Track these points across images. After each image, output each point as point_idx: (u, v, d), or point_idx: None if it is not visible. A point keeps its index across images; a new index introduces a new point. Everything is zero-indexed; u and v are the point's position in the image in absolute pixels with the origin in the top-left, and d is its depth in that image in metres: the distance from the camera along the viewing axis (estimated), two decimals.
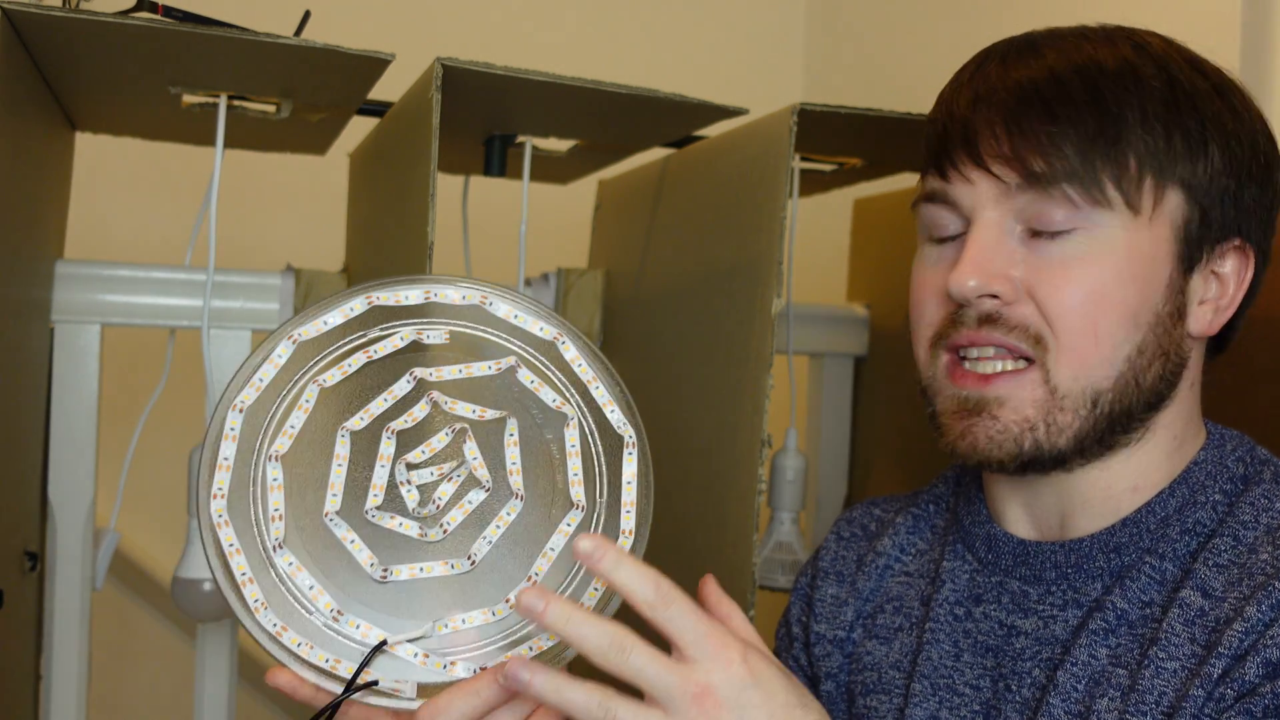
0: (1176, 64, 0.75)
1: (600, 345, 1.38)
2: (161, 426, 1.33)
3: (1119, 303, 0.73)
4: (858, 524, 0.95)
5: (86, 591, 1.20)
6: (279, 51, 0.92)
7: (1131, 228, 0.73)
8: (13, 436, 1.04)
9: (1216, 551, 0.74)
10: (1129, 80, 0.73)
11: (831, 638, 0.91)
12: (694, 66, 2.14)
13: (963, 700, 0.80)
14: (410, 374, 0.73)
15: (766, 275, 0.99)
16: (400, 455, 0.72)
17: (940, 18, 1.80)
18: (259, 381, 0.72)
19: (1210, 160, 0.74)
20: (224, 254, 1.14)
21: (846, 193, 1.44)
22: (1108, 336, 0.73)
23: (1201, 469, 0.78)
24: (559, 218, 1.61)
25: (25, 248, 1.06)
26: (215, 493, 0.70)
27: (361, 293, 0.75)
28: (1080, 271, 0.73)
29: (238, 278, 1.24)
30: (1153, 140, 0.73)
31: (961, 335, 0.76)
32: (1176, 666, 0.71)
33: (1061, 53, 0.75)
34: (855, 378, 1.48)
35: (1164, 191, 0.74)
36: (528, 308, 0.76)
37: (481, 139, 1.21)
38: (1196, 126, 0.74)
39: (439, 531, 0.71)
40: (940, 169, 0.77)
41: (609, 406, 0.76)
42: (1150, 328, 0.74)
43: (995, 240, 0.74)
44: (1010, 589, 0.80)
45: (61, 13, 0.88)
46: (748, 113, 1.05)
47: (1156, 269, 0.74)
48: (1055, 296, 0.73)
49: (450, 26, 2.02)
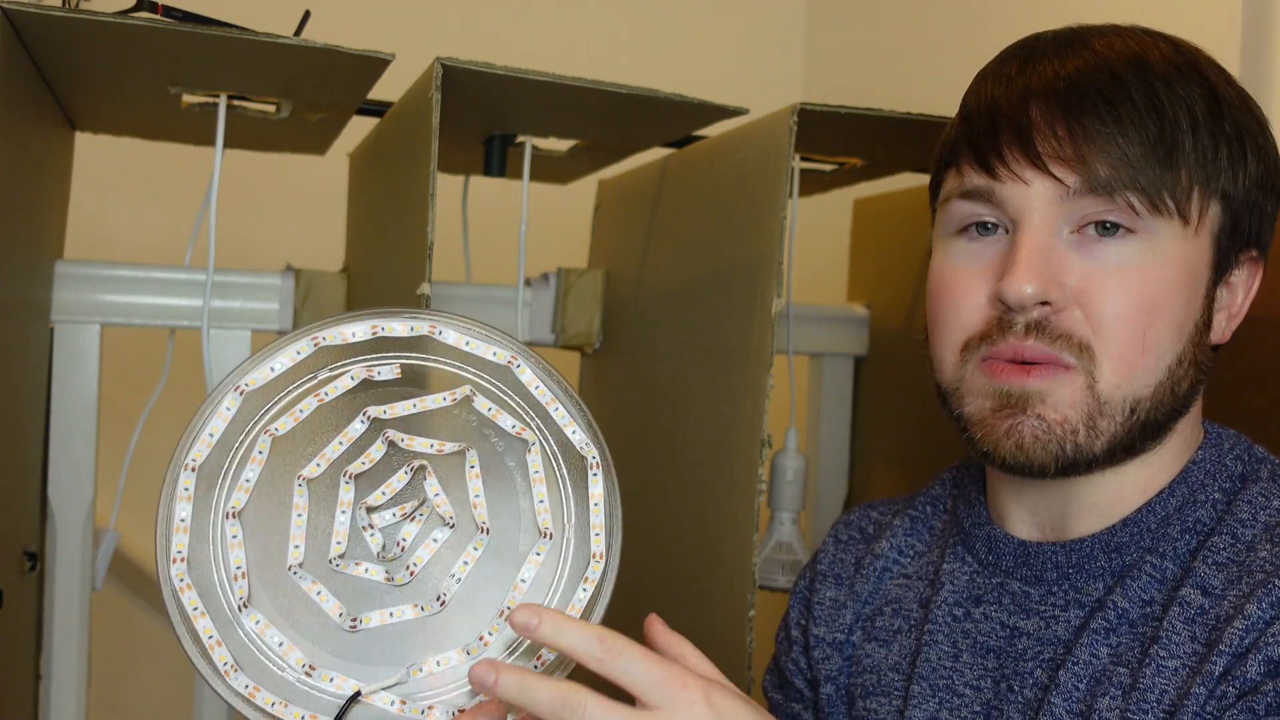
0: (1213, 68, 0.75)
1: (600, 345, 1.38)
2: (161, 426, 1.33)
3: (1168, 312, 0.72)
4: (855, 527, 0.94)
5: (86, 591, 1.20)
6: (279, 51, 0.92)
7: (1182, 238, 0.72)
8: (13, 436, 1.04)
9: (1215, 550, 0.74)
10: (1179, 82, 0.72)
11: (830, 641, 0.90)
12: (694, 66, 2.13)
13: (963, 701, 0.80)
14: (364, 414, 0.72)
15: (766, 275, 0.99)
16: (360, 499, 0.71)
17: (940, 18, 1.80)
18: (209, 437, 0.70)
19: (1248, 172, 0.74)
20: (224, 254, 1.14)
21: (846, 193, 1.44)
22: (1154, 346, 0.72)
23: (1200, 468, 0.78)
24: (559, 218, 1.61)
25: (25, 248, 1.06)
26: (175, 556, 0.69)
27: (306, 334, 0.73)
28: (1134, 279, 0.71)
29: (238, 278, 1.24)
30: (1202, 151, 0.72)
31: (1006, 345, 0.73)
32: (1178, 665, 0.71)
33: (1111, 48, 0.73)
34: (855, 378, 1.48)
35: (1209, 202, 0.73)
36: (479, 333, 0.74)
37: (481, 139, 1.21)
38: (1235, 136, 0.73)
39: (406, 574, 0.70)
40: (987, 166, 0.74)
41: (570, 427, 0.73)
42: (1190, 338, 0.74)
43: (1048, 244, 0.72)
44: (1011, 590, 0.80)
45: (61, 13, 0.88)
46: (748, 113, 1.05)
47: (1199, 280, 0.74)
48: (1107, 304, 0.71)
49: (450, 26, 2.02)
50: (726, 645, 1.02)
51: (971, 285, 0.75)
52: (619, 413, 1.33)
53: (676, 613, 1.13)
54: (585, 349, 1.39)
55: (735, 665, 1.00)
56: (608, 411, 1.37)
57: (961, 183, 0.76)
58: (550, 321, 1.35)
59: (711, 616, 1.06)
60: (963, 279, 0.76)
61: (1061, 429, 0.72)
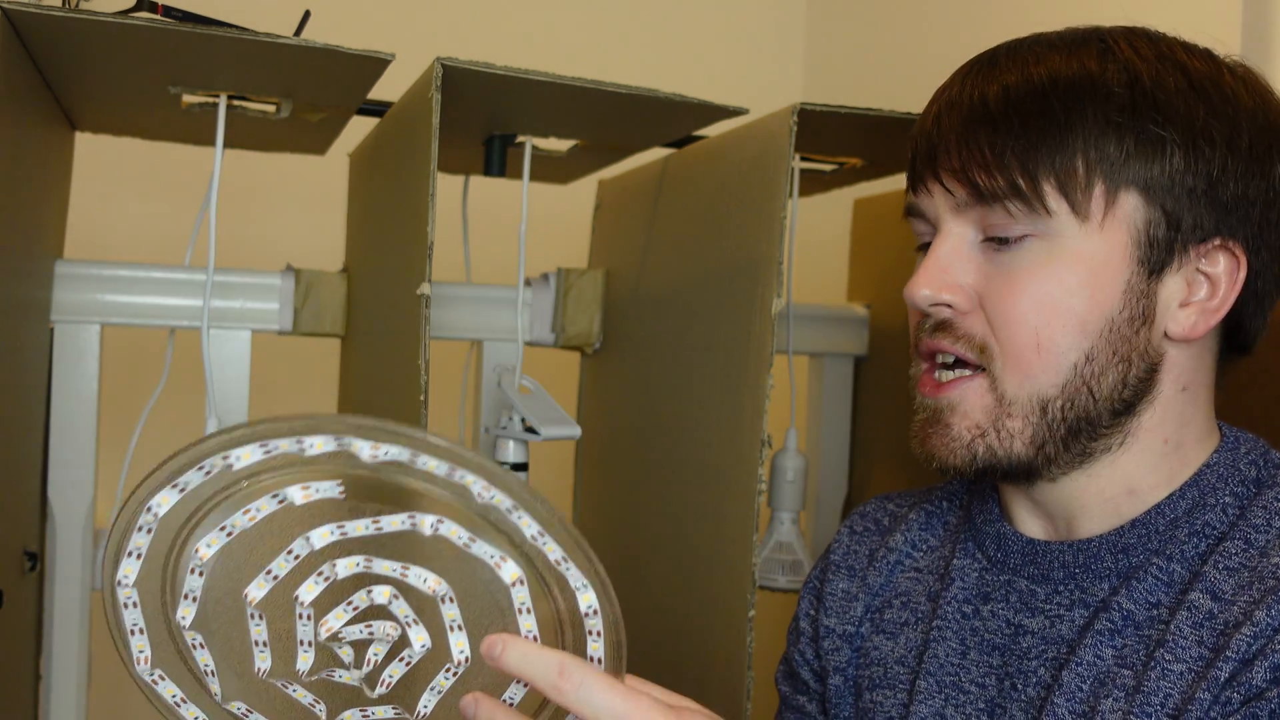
0: (1146, 64, 0.74)
1: (600, 345, 1.38)
2: (161, 426, 1.33)
3: (1066, 311, 0.74)
4: (871, 519, 0.95)
5: (86, 591, 1.20)
6: (279, 51, 0.92)
7: (1080, 235, 0.73)
8: (13, 436, 1.04)
9: (1227, 554, 0.73)
10: (1084, 89, 0.73)
11: (840, 632, 0.91)
12: (694, 66, 2.14)
13: (968, 698, 0.80)
14: (305, 538, 0.61)
15: (766, 275, 0.99)
16: (321, 617, 0.62)
17: (940, 18, 1.80)
18: (136, 551, 0.60)
19: (1170, 161, 0.73)
20: (224, 254, 1.14)
21: (846, 193, 1.44)
22: (1051, 345, 0.74)
23: (1213, 471, 0.77)
24: (559, 218, 1.61)
25: (25, 248, 1.06)
26: (138, 658, 0.63)
27: (218, 450, 0.57)
28: (1027, 281, 0.74)
29: (238, 278, 1.24)
30: (1102, 145, 0.73)
31: (924, 342, 0.78)
32: (1183, 669, 0.70)
33: (1020, 67, 0.75)
34: (855, 378, 1.48)
35: (1117, 196, 0.73)
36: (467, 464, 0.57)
37: (481, 139, 1.21)
38: (1156, 128, 0.73)
39: (381, 688, 0.64)
40: (910, 182, 0.80)
41: (580, 589, 0.61)
42: (1102, 334, 0.74)
43: (954, 250, 0.76)
44: (1018, 588, 0.81)
45: (61, 13, 0.88)
46: (748, 113, 1.05)
47: (1110, 275, 0.74)
48: (1001, 307, 0.74)
49: (450, 26, 2.02)
50: (726, 645, 1.02)
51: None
52: (619, 413, 1.33)
53: (677, 613, 1.12)
54: (585, 349, 1.39)
55: (735, 665, 1.00)
56: (608, 411, 1.37)
57: (905, 200, 0.82)
58: (550, 321, 1.35)
59: (711, 616, 1.06)
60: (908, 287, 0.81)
61: (970, 433, 0.76)
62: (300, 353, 1.64)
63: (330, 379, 1.41)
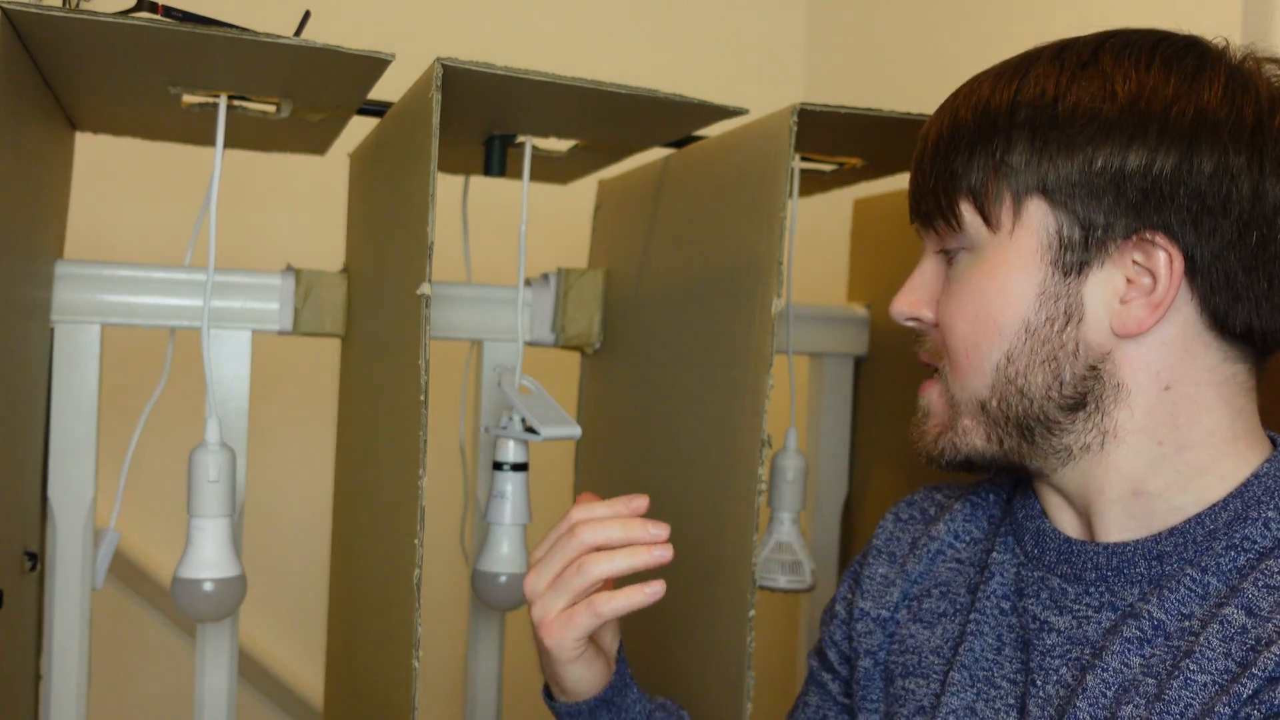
0: (1057, 77, 0.75)
1: (600, 345, 1.38)
2: (161, 426, 1.33)
3: (984, 316, 0.78)
4: (918, 507, 0.97)
5: (86, 591, 1.20)
6: (279, 51, 0.92)
7: (994, 244, 0.78)
8: (13, 436, 1.04)
9: (1269, 573, 0.72)
10: (996, 111, 0.77)
11: (875, 615, 0.92)
12: (694, 66, 2.14)
13: (999, 693, 0.80)
14: None
15: (766, 275, 0.99)
16: None
17: (940, 18, 1.80)
18: None
19: (1069, 164, 0.74)
20: (224, 254, 1.14)
21: (846, 193, 1.44)
22: (975, 349, 0.79)
23: (1260, 483, 0.76)
24: (559, 218, 1.61)
25: (25, 248, 1.06)
26: None
27: None
28: (957, 291, 0.80)
29: (238, 278, 1.23)
30: (1007, 158, 0.76)
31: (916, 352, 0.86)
32: (1207, 680, 0.70)
33: (962, 99, 0.80)
34: (855, 378, 1.48)
35: (1022, 204, 0.76)
36: None
37: (481, 139, 1.21)
38: (1055, 134, 0.74)
39: None
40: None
41: None
42: (1019, 336, 0.77)
43: (928, 270, 0.83)
44: (1050, 585, 0.81)
45: (61, 13, 0.88)
46: (748, 113, 1.05)
47: (1022, 279, 0.77)
48: (944, 317, 0.81)
49: (450, 26, 2.02)
50: (726, 645, 1.02)
51: None
52: (619, 413, 1.33)
53: (677, 613, 1.12)
54: (585, 349, 1.39)
55: (735, 665, 1.00)
56: (608, 411, 1.37)
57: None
58: (550, 321, 1.35)
59: (711, 616, 1.06)
60: None
61: (938, 428, 0.83)
62: (300, 353, 1.64)
63: (330, 379, 1.41)
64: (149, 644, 2.02)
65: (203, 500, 1.07)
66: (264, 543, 1.88)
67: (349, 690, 1.22)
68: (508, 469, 1.12)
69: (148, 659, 2.02)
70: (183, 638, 2.01)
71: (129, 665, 2.02)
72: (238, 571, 1.08)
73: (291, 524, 1.97)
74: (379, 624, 1.05)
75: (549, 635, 0.84)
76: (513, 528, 1.14)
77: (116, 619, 1.98)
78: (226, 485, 1.08)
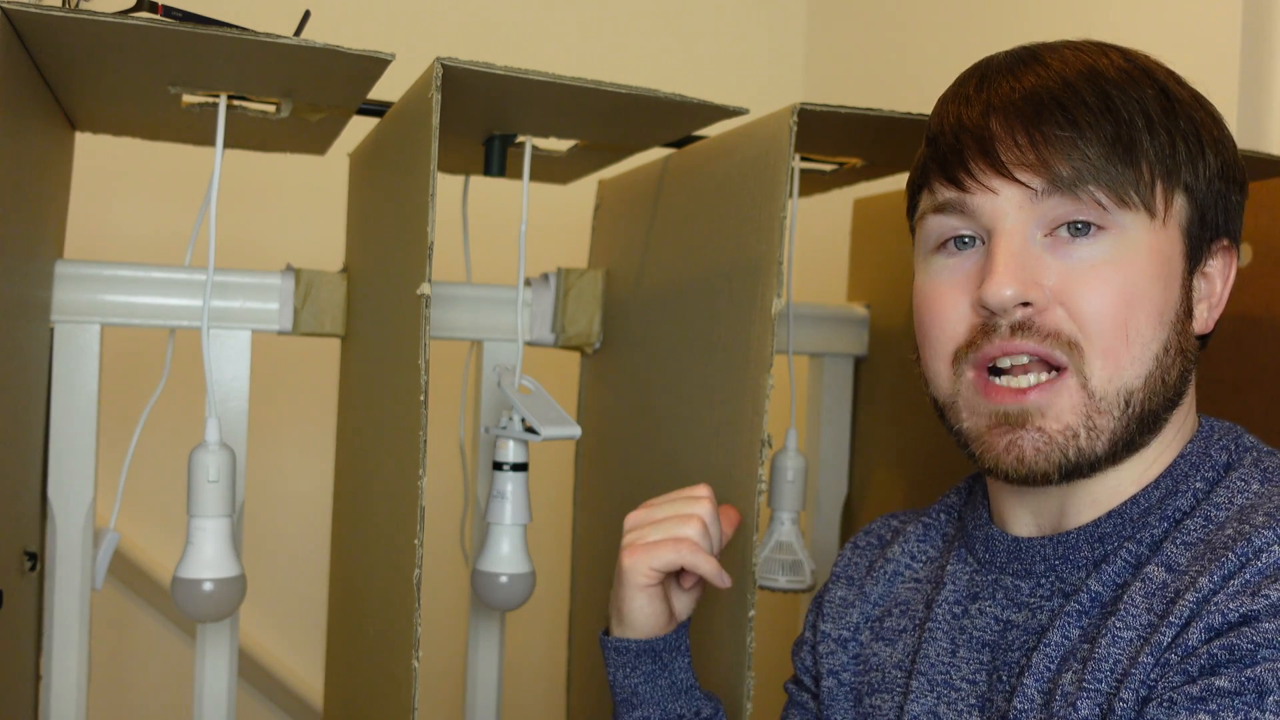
0: (1162, 72, 0.78)
1: (600, 345, 1.38)
2: (161, 426, 1.33)
3: (1146, 302, 0.74)
4: (874, 534, 0.99)
5: (86, 591, 1.20)
6: (279, 51, 0.92)
7: (1151, 230, 0.75)
8: (13, 436, 1.04)
9: (1186, 531, 0.75)
10: (1130, 87, 0.75)
11: (836, 636, 0.94)
12: (694, 66, 2.14)
13: (959, 695, 0.81)
14: None
15: (766, 275, 0.99)
16: None
17: (940, 18, 1.80)
18: None
19: (1207, 164, 0.76)
20: (224, 254, 1.14)
21: (846, 193, 1.44)
22: (1138, 336, 0.74)
23: (1187, 460, 0.79)
24: (559, 218, 1.61)
25: (25, 248, 1.06)
26: None
27: None
28: (1109, 273, 0.74)
29: (238, 278, 1.23)
30: (1160, 146, 0.75)
31: (994, 346, 0.76)
32: (1131, 635, 0.72)
33: (1064, 61, 0.76)
34: (855, 378, 1.48)
35: (1172, 195, 0.76)
36: None
37: (481, 139, 1.21)
38: (1192, 132, 0.76)
39: None
40: (955, 180, 0.77)
41: None
42: (1172, 326, 0.76)
43: (1023, 248, 0.75)
44: (1005, 585, 0.82)
45: (61, 13, 0.88)
46: (748, 113, 1.05)
47: (1174, 270, 0.76)
48: (1087, 299, 0.74)
49: (450, 26, 2.02)
50: (726, 645, 1.02)
51: (953, 297, 0.78)
52: (619, 413, 1.33)
53: None
54: (585, 349, 1.39)
55: (735, 665, 1.00)
56: (608, 411, 1.37)
57: (934, 199, 0.79)
58: (550, 321, 1.35)
59: (711, 616, 1.06)
60: (945, 292, 0.79)
61: (1064, 437, 0.75)
62: (300, 353, 1.64)
63: (330, 379, 1.41)
64: (149, 644, 2.02)
65: (203, 500, 1.07)
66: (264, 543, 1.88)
67: (349, 690, 1.21)
68: (508, 469, 1.12)
69: (148, 659, 2.02)
70: (183, 638, 2.01)
71: (129, 665, 2.02)
72: (237, 571, 1.08)
73: (291, 524, 1.97)
74: (379, 624, 1.05)
75: (631, 555, 0.91)
76: (513, 528, 1.14)
77: (116, 619, 1.98)
78: (226, 485, 1.08)
